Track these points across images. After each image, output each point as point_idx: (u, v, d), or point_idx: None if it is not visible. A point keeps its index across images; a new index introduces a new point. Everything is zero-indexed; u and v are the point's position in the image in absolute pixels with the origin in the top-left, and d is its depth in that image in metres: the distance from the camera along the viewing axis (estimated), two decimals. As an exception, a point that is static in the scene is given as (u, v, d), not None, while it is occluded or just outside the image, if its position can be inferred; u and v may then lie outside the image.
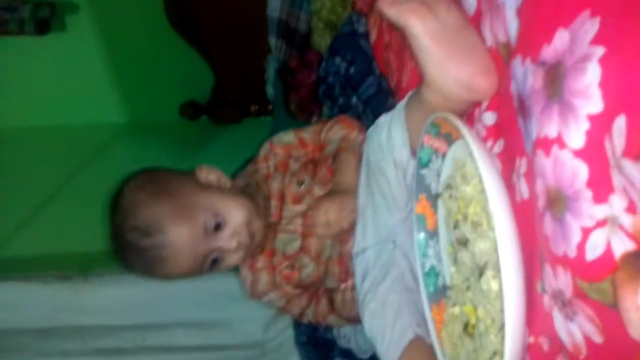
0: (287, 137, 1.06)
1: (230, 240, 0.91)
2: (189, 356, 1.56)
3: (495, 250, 0.62)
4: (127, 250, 0.91)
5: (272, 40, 1.79)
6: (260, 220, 0.95)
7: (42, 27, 2.32)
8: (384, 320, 0.87)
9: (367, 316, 0.90)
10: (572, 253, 0.49)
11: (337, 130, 1.03)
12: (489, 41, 0.66)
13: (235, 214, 0.92)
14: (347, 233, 0.95)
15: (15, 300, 1.59)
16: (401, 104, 0.84)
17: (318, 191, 1.00)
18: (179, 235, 0.88)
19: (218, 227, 0.90)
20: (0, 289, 1.60)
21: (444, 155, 0.75)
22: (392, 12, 0.67)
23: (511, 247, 0.56)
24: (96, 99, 2.47)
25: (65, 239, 1.91)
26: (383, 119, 0.89)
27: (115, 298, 1.60)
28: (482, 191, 0.64)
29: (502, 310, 0.60)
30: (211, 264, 0.92)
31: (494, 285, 0.63)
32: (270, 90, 1.91)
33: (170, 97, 2.40)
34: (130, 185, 0.93)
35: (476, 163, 0.60)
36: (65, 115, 2.45)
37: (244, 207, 0.93)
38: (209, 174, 0.97)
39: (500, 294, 0.62)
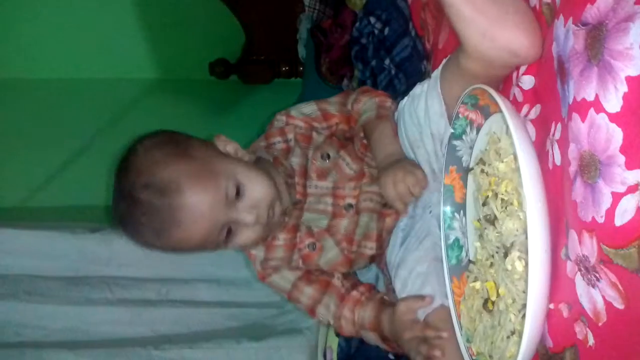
0: (307, 108, 0.98)
1: (248, 213, 0.85)
2: (210, 310, 1.59)
3: (524, 231, 0.61)
4: (136, 212, 0.83)
5: (307, -2, 1.76)
6: (279, 200, 0.89)
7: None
8: (411, 287, 0.86)
9: (397, 282, 0.90)
10: (601, 219, 0.49)
11: (367, 100, 0.97)
12: (533, 0, 0.65)
13: (256, 187, 0.86)
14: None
15: (44, 248, 1.62)
16: (436, 73, 0.82)
17: (345, 167, 0.94)
18: (199, 200, 0.81)
19: (238, 196, 0.85)
20: (30, 237, 1.63)
21: (478, 128, 0.73)
22: None
23: (542, 233, 0.55)
24: (126, 53, 2.48)
25: (94, 191, 1.94)
26: (418, 90, 0.86)
27: (142, 251, 1.63)
28: (516, 170, 0.63)
29: (524, 292, 0.60)
30: (225, 235, 0.86)
31: (519, 267, 0.63)
32: (301, 50, 1.89)
33: (201, 54, 2.39)
34: (146, 145, 0.87)
35: (512, 140, 0.58)
36: (96, 69, 2.47)
37: (266, 183, 0.88)
38: (226, 145, 0.91)
39: (524, 276, 0.61)
